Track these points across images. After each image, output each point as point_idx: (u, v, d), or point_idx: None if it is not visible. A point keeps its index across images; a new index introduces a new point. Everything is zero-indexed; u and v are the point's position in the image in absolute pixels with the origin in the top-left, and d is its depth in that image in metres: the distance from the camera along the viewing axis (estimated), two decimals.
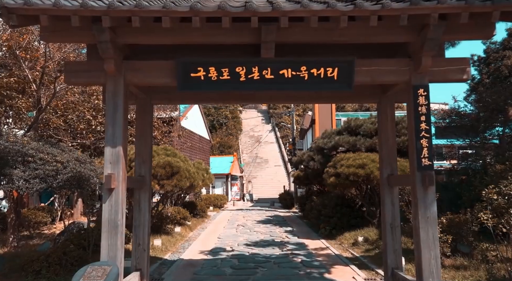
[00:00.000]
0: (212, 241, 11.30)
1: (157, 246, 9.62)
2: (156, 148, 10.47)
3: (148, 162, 5.98)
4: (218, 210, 23.86)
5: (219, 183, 35.10)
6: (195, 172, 10.61)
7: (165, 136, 16.32)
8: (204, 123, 30.74)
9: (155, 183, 9.64)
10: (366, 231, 10.88)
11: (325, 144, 13.47)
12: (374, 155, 11.19)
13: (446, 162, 25.18)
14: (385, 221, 5.83)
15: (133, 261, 5.69)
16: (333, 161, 11.67)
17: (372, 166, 10.49)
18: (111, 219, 4.55)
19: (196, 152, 27.08)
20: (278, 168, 42.91)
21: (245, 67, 4.67)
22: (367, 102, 6.47)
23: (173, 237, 11.13)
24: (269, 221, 16.75)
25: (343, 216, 12.00)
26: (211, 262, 8.41)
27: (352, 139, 12.79)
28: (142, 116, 6.00)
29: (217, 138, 44.68)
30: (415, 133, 4.65)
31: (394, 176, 5.81)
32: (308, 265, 8.02)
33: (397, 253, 5.72)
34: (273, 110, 54.54)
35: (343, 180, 10.82)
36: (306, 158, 14.32)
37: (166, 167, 9.70)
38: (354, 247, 9.90)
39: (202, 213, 17.23)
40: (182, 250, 10.02)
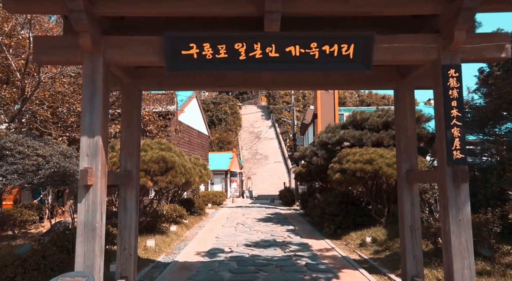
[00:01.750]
0: (210, 241, 10.63)
1: (150, 247, 8.96)
2: (149, 141, 9.78)
3: (136, 155, 5.29)
4: (217, 207, 23.20)
5: (218, 179, 34.46)
6: (192, 168, 9.92)
7: (161, 131, 15.63)
8: (202, 118, 30.08)
9: (148, 179, 8.95)
10: (373, 230, 10.22)
11: (329, 138, 12.78)
12: (382, 150, 10.54)
13: None
14: (403, 222, 5.16)
15: (118, 267, 5.01)
16: (338, 157, 11.00)
17: (381, 162, 9.83)
18: (88, 221, 3.87)
19: (195, 147, 26.42)
20: (278, 165, 42.24)
21: (246, 43, 3.98)
22: (383, 88, 5.82)
23: (168, 237, 10.45)
24: (270, 219, 16.09)
25: (348, 215, 11.34)
26: (208, 265, 7.75)
27: (358, 133, 12.11)
28: (129, 103, 5.30)
29: (216, 134, 43.98)
30: (445, 122, 3.96)
31: (414, 171, 5.13)
32: (314, 269, 7.35)
33: (417, 259, 5.05)
34: (273, 105, 53.84)
35: (349, 176, 10.15)
36: (309, 153, 13.63)
37: (159, 162, 9.01)
38: (361, 248, 9.23)
39: (199, 210, 16.56)
40: (177, 251, 9.35)
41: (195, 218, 15.41)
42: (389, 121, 12.13)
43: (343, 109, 23.70)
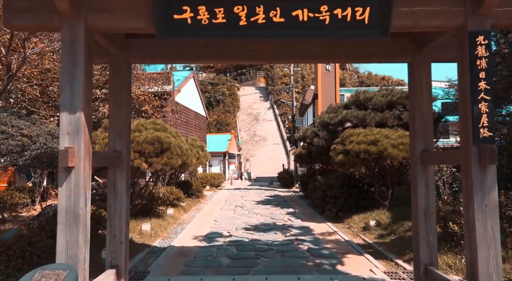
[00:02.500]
0: (208, 225, 10.31)
1: (146, 231, 8.61)
2: (144, 121, 9.32)
3: (125, 135, 4.84)
4: (215, 189, 22.92)
5: (216, 161, 34.15)
6: (188, 149, 9.50)
7: (157, 111, 15.15)
8: (200, 99, 29.51)
9: (142, 161, 8.53)
10: (376, 213, 9.89)
11: (331, 119, 12.34)
12: (387, 131, 10.13)
13: (453, 140, 24.19)
14: (417, 207, 4.76)
15: (108, 255, 4.63)
16: (341, 137, 10.57)
17: (386, 143, 9.43)
18: (70, 208, 3.45)
19: (192, 129, 25.96)
20: (277, 146, 41.91)
21: (247, 6, 3.49)
22: (396, 61, 5.34)
23: (164, 220, 10.11)
24: (269, 202, 15.79)
25: (350, 197, 11.00)
26: (205, 250, 7.41)
27: (361, 113, 11.66)
28: (117, 78, 4.81)
29: (214, 116, 43.45)
30: (471, 95, 3.52)
31: (430, 152, 4.71)
32: (316, 254, 7.02)
33: (431, 247, 4.67)
34: (272, 86, 53.13)
35: (353, 158, 9.76)
36: (309, 134, 13.20)
37: (154, 143, 8.57)
38: (365, 232, 8.91)
39: (197, 193, 16.24)
40: (174, 235, 9.02)
41: (193, 201, 15.09)
42: (393, 101, 11.67)
43: (343, 89, 23.18)
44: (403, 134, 9.88)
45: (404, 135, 9.80)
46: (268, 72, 57.04)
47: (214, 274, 5.87)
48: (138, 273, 5.94)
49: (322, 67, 19.04)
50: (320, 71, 19.02)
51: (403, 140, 9.53)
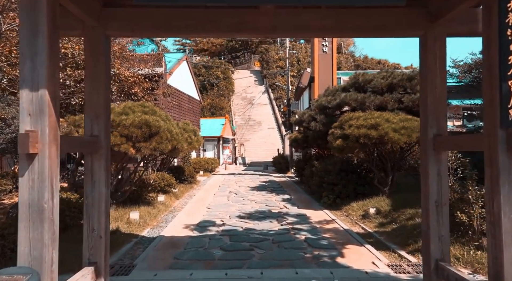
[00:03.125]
0: (200, 212, 9.88)
1: (134, 220, 8.16)
2: (131, 104, 8.77)
3: (104, 117, 4.30)
4: (209, 174, 22.50)
5: (210, 146, 33.70)
6: (179, 134, 8.98)
7: (147, 94, 14.53)
8: (193, 82, 28.85)
9: (129, 146, 8.02)
10: (376, 200, 9.52)
11: (329, 102, 11.85)
12: (388, 114, 9.68)
13: (450, 124, 23.84)
14: (427, 197, 4.32)
15: (86, 252, 4.16)
16: (340, 121, 10.11)
17: (387, 127, 8.98)
18: (33, 201, 2.96)
19: (185, 113, 25.39)
20: (272, 131, 41.46)
21: None
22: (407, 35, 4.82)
23: (154, 208, 9.67)
24: (264, 188, 15.39)
25: (348, 184, 10.60)
26: (197, 240, 6.98)
27: (361, 96, 11.18)
28: (94, 53, 4.25)
29: (208, 99, 42.76)
30: (500, 71, 3.02)
31: (443, 137, 4.24)
32: (315, 245, 6.62)
33: (443, 241, 4.25)
34: (267, 70, 52.31)
35: (352, 143, 9.31)
36: (306, 118, 12.72)
37: (142, 126, 8.04)
38: (364, 220, 8.54)
39: (190, 178, 15.79)
40: (164, 224, 8.58)
41: (185, 187, 14.65)
42: (394, 83, 11.18)
43: (340, 73, 22.60)
44: (404, 117, 9.44)
45: (405, 119, 9.36)
46: (263, 55, 56.15)
47: (205, 268, 5.45)
48: (123, 267, 5.50)
49: (319, 49, 18.42)
50: (316, 53, 18.41)
51: (405, 124, 9.09)
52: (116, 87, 13.22)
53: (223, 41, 63.48)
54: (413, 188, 11.28)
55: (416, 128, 9.07)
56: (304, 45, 55.48)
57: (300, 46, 54.35)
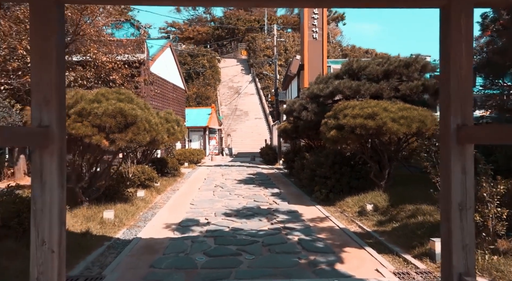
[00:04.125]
0: (183, 209, 9.11)
1: (108, 219, 7.34)
2: (105, 90, 7.89)
3: (57, 102, 3.43)
4: (194, 166, 21.67)
5: (196, 136, 32.82)
6: (159, 124, 8.15)
7: (127, 81, 13.58)
8: (178, 71, 27.80)
9: (102, 137, 7.17)
10: (372, 195, 8.89)
11: (321, 90, 11.11)
12: (385, 103, 9.00)
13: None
14: (449, 198, 3.57)
15: (33, 270, 3.36)
16: (334, 111, 9.39)
17: (385, 116, 8.31)
18: None
19: (170, 102, 24.41)
20: (259, 121, 40.69)
21: None
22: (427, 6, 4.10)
23: (133, 205, 8.85)
24: (252, 181, 14.67)
25: (342, 177, 9.95)
26: (178, 243, 6.22)
27: (355, 84, 10.47)
28: (42, 22, 3.40)
29: (193, 89, 41.66)
30: None
31: (470, 127, 3.53)
32: (310, 248, 5.93)
33: (468, 251, 3.53)
34: (254, 59, 51.29)
35: (347, 133, 8.62)
36: (297, 107, 11.98)
37: (117, 115, 7.19)
38: (361, 218, 7.89)
39: (174, 171, 14.96)
40: (143, 223, 7.79)
41: (169, 180, 13.83)
42: (390, 70, 10.50)
43: (330, 61, 21.91)
44: (403, 106, 8.77)
45: (404, 108, 8.70)
46: (250, 44, 55.08)
47: (186, 279, 4.70)
48: (89, 279, 4.72)
49: (308, 36, 17.63)
50: (306, 40, 17.62)
51: (404, 114, 8.43)
52: (93, 73, 12.29)
53: (209, 29, 62.10)
54: (409, 181, 10.71)
55: (415, 118, 8.43)
56: (292, 34, 54.58)
57: (288, 35, 53.43)
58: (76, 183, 7.87)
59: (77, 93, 7.60)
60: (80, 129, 7.04)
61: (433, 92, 10.14)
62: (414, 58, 10.42)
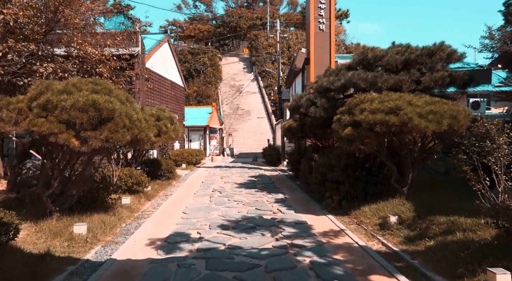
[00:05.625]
0: (173, 220, 7.85)
1: (79, 235, 6.08)
2: (77, 80, 6.64)
3: None
4: (193, 167, 20.40)
5: (196, 136, 31.59)
6: (142, 120, 6.88)
7: (115, 75, 12.30)
8: (177, 68, 26.57)
9: (70, 136, 5.92)
10: (393, 204, 7.61)
11: (332, 83, 9.83)
12: (409, 96, 7.70)
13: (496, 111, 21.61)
14: None
15: None
16: (348, 105, 8.10)
17: (410, 111, 7.02)
18: None
19: (167, 100, 23.18)
20: (261, 120, 39.41)
21: None
22: None
23: (114, 215, 7.58)
24: (253, 184, 13.38)
25: (357, 182, 8.66)
26: (159, 269, 4.95)
27: (371, 75, 9.19)
28: None
29: (193, 87, 40.43)
30: None
31: None
32: (326, 277, 4.65)
33: None
34: (256, 57, 50.00)
35: (365, 131, 7.32)
36: (304, 102, 10.68)
37: (89, 109, 5.93)
38: (384, 232, 6.60)
39: (168, 174, 13.68)
40: (123, 238, 6.53)
41: (162, 184, 12.55)
42: (411, 59, 9.20)
43: (338, 56, 20.58)
44: (431, 100, 7.49)
45: (432, 102, 7.42)
46: (252, 41, 53.80)
47: None
48: None
49: (315, 27, 16.33)
50: (312, 31, 16.32)
51: (432, 108, 7.15)
52: (76, 65, 11.05)
53: (211, 28, 60.86)
54: (431, 186, 9.39)
55: (446, 113, 7.14)
56: (295, 31, 53.31)
57: (291, 33, 52.14)
58: (44, 190, 6.61)
59: (42, 82, 6.36)
60: (43, 125, 5.80)
61: (462, 85, 8.85)
62: (439, 45, 9.12)
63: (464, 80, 8.79)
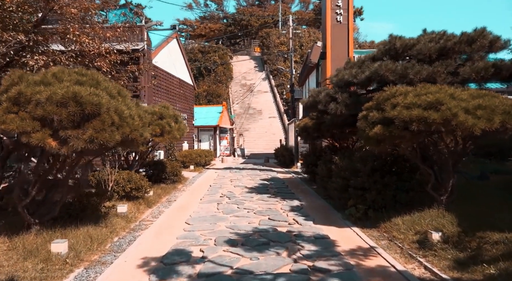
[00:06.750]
0: (174, 232, 6.80)
1: (58, 254, 5.07)
2: (59, 69, 5.63)
3: None
4: (201, 169, 19.41)
5: (206, 136, 30.64)
6: (136, 117, 5.84)
7: (116, 70, 11.32)
8: (186, 65, 25.66)
9: (46, 135, 4.93)
10: (430, 215, 6.45)
11: (355, 75, 8.68)
12: (450, 89, 6.54)
13: None
14: None
15: None
16: (376, 100, 6.96)
17: (454, 106, 5.87)
18: None
19: (176, 98, 22.26)
20: (273, 120, 38.30)
21: None
22: None
23: (106, 227, 6.58)
24: (265, 188, 12.29)
25: (385, 189, 7.51)
26: None
27: (401, 66, 8.03)
28: None
29: (204, 86, 39.51)
30: None
31: None
32: None
33: None
34: (268, 55, 48.88)
35: (398, 130, 6.18)
36: (323, 98, 9.55)
37: (70, 104, 4.93)
38: (425, 251, 5.44)
39: (173, 176, 12.67)
40: (112, 256, 5.50)
41: (166, 188, 11.54)
42: (448, 48, 8.03)
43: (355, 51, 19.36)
44: (477, 93, 6.31)
45: (479, 95, 6.24)
46: (263, 40, 52.66)
47: None
48: None
49: (331, 19, 15.18)
50: (329, 23, 15.17)
51: (481, 102, 5.97)
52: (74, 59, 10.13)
53: (222, 26, 59.99)
54: (470, 193, 8.20)
55: (498, 108, 5.94)
56: (307, 30, 52.05)
57: (303, 31, 50.90)
58: (20, 199, 5.63)
59: (14, 72, 5.37)
60: (12, 123, 4.81)
61: (508, 77, 7.64)
62: (480, 31, 7.91)
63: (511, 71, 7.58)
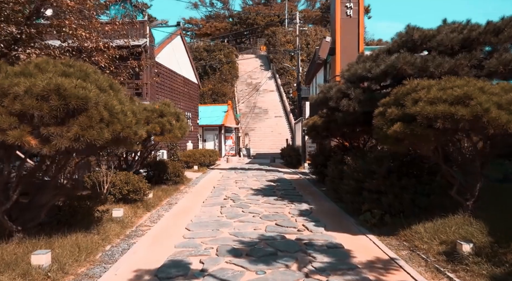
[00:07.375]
0: (172, 240, 6.21)
1: (39, 267, 4.49)
2: (43, 60, 5.06)
3: None
4: (205, 170, 18.83)
5: (211, 136, 30.07)
6: (129, 113, 5.26)
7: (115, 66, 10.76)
8: (191, 64, 25.12)
9: (25, 133, 4.36)
10: (455, 222, 5.81)
11: (369, 70, 8.04)
12: (479, 82, 5.88)
13: None
14: None
15: None
16: (395, 95, 6.32)
17: (485, 101, 5.22)
18: None
19: (180, 97, 21.73)
20: (279, 119, 37.65)
21: None
22: None
23: (98, 233, 6.01)
24: (272, 190, 11.67)
25: (403, 192, 6.87)
26: None
27: (420, 59, 7.38)
28: None
29: (209, 85, 38.96)
30: None
31: None
32: None
33: None
34: (274, 54, 48.22)
35: (421, 128, 5.54)
36: (334, 94, 8.91)
37: (52, 97, 4.36)
38: (454, 265, 4.80)
39: (175, 177, 12.09)
40: (102, 268, 4.92)
41: (168, 189, 10.96)
42: (472, 38, 7.36)
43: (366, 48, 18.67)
44: (510, 86, 5.65)
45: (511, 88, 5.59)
46: (269, 38, 52.00)
47: None
48: None
49: (341, 12, 14.53)
50: (338, 17, 14.53)
51: None
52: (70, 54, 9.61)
53: (227, 25, 59.45)
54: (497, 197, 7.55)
55: None
56: (314, 28, 51.30)
57: (310, 29, 50.18)
58: (0, 203, 5.06)
59: None
60: None
61: None
62: (507, 20, 7.24)
63: None
